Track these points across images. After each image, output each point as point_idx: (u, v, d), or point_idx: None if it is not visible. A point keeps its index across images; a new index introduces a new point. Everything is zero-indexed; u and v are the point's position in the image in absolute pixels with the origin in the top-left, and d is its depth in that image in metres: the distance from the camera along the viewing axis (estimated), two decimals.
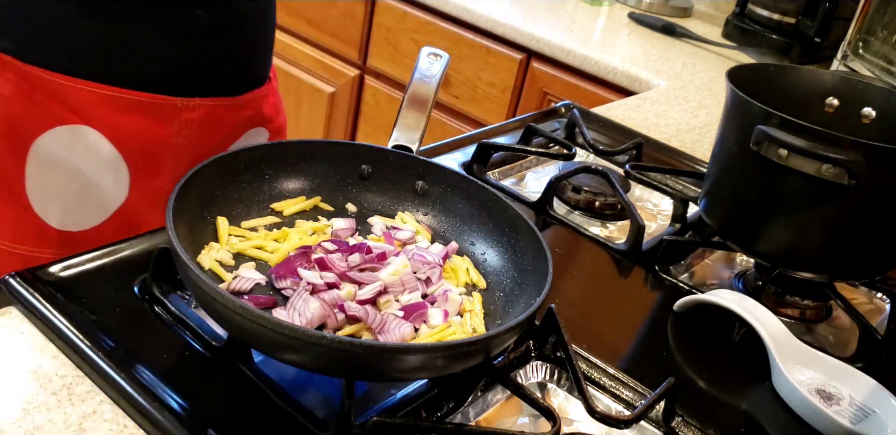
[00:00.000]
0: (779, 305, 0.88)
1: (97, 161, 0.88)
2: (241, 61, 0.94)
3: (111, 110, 0.86)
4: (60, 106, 0.84)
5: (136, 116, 0.87)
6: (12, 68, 0.83)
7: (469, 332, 0.69)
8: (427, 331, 0.67)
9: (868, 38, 1.39)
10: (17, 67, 0.83)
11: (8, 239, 0.89)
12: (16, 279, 0.68)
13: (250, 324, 0.57)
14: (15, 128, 0.85)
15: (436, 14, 1.94)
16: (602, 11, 2.01)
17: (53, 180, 0.88)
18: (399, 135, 0.87)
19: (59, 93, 0.84)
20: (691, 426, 0.68)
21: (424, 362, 0.58)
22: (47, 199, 0.88)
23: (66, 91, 0.84)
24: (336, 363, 0.58)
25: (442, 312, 0.68)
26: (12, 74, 0.83)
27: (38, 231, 0.89)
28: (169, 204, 0.65)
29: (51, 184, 0.88)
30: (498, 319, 0.72)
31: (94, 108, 0.85)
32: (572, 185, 1.03)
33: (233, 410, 0.61)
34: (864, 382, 0.74)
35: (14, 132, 0.85)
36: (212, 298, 0.58)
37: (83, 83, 0.84)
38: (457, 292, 0.72)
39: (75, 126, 0.85)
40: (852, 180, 0.74)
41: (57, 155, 0.86)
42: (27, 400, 0.59)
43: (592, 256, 0.92)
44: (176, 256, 0.61)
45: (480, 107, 1.92)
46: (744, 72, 0.87)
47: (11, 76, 0.84)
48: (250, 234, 0.74)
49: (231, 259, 0.70)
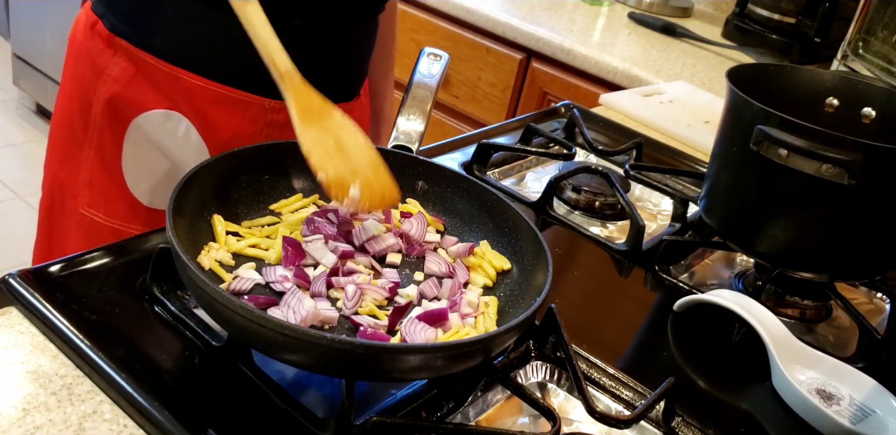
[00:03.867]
0: (779, 305, 0.88)
1: (185, 147, 0.94)
2: (332, 75, 0.99)
3: (202, 101, 0.92)
4: (158, 91, 0.91)
5: (224, 110, 0.92)
6: (124, 52, 0.91)
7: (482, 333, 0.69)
8: (443, 334, 0.67)
9: (868, 38, 1.39)
10: (128, 51, 0.91)
11: (102, 211, 0.96)
12: (16, 279, 0.68)
13: (250, 324, 0.57)
14: (117, 106, 0.92)
15: (436, 14, 1.94)
16: (602, 11, 2.01)
17: (146, 159, 0.94)
18: (399, 135, 0.87)
19: (159, 78, 0.91)
20: (691, 426, 0.68)
21: (424, 362, 0.58)
22: (140, 176, 0.95)
23: (165, 77, 0.90)
24: (336, 363, 0.58)
25: (459, 316, 0.69)
26: (122, 57, 0.91)
27: (129, 206, 0.96)
28: (168, 204, 0.65)
29: (144, 162, 0.94)
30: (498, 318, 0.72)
31: (187, 96, 0.91)
32: (572, 185, 1.03)
33: (233, 410, 0.61)
34: (864, 382, 0.74)
35: (116, 110, 0.93)
36: (212, 299, 0.58)
37: (182, 72, 0.90)
38: (475, 294, 0.72)
39: (169, 111, 0.92)
40: (852, 180, 0.74)
41: (151, 136, 0.93)
42: (27, 400, 0.59)
43: (592, 256, 0.92)
44: (176, 257, 0.61)
45: (480, 107, 1.92)
46: (744, 72, 0.87)
47: (121, 59, 0.91)
48: (246, 231, 0.74)
49: (231, 259, 0.70)
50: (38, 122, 2.96)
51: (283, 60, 0.73)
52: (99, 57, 0.93)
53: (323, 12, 0.92)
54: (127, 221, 0.96)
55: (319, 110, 0.74)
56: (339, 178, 0.72)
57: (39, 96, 2.89)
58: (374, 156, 0.75)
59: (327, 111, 0.75)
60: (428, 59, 0.93)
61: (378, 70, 1.21)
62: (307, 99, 0.74)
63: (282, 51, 0.73)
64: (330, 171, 0.71)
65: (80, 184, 0.97)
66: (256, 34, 0.73)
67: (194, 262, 0.61)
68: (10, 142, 2.83)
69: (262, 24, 0.73)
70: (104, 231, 0.96)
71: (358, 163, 0.73)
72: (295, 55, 0.73)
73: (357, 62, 1.04)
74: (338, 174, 0.72)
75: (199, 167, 0.70)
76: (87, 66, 0.94)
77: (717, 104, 1.44)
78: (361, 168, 0.73)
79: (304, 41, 0.91)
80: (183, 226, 0.67)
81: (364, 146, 0.75)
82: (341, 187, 0.72)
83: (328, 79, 0.99)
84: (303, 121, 0.73)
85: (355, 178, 0.72)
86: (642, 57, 1.71)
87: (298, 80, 0.74)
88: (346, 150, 0.74)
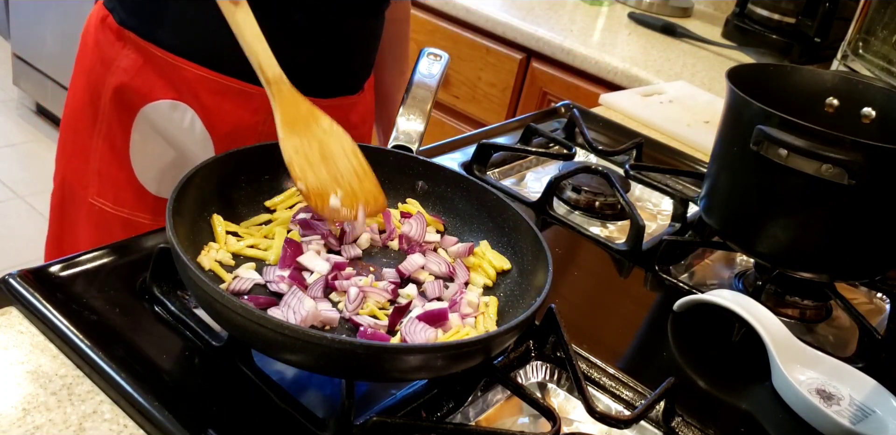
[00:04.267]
0: (779, 305, 0.88)
1: (191, 137, 0.95)
2: (334, 68, 1.00)
3: (205, 91, 0.93)
4: (165, 82, 0.93)
5: (227, 101, 0.94)
6: (132, 43, 0.93)
7: None
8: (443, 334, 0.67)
9: (868, 38, 1.39)
10: (136, 42, 0.93)
11: (111, 200, 0.97)
12: (16, 279, 0.68)
13: (251, 324, 0.57)
14: (125, 96, 0.94)
15: (436, 14, 1.94)
16: (602, 11, 2.01)
17: (153, 148, 0.96)
18: (399, 135, 0.87)
19: (166, 69, 0.92)
20: (691, 426, 0.68)
21: (424, 363, 0.58)
22: (147, 164, 0.96)
23: (171, 68, 0.92)
24: (336, 363, 0.58)
25: (459, 316, 0.69)
26: (130, 49, 0.93)
27: (137, 195, 0.97)
28: (168, 204, 0.65)
29: (151, 151, 0.96)
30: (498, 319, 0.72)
31: (191, 87, 0.93)
32: (572, 185, 1.03)
33: (233, 410, 0.61)
34: (864, 382, 0.74)
35: (124, 100, 0.95)
36: (212, 299, 0.58)
37: (186, 63, 0.92)
38: (475, 294, 0.72)
39: (175, 102, 0.93)
40: (852, 180, 0.74)
41: (158, 125, 0.94)
42: (27, 400, 0.59)
43: (592, 256, 0.92)
44: (176, 257, 0.61)
45: (480, 107, 1.92)
46: (744, 72, 0.87)
47: (129, 50, 0.93)
48: (244, 231, 0.74)
49: (231, 259, 0.70)
50: (38, 122, 2.96)
51: (270, 67, 0.74)
52: (109, 49, 0.95)
53: (324, 7, 0.93)
54: (135, 209, 0.98)
55: (306, 117, 0.75)
56: (319, 189, 0.72)
57: (39, 96, 2.89)
58: (361, 163, 0.75)
59: (314, 117, 0.75)
60: (428, 59, 0.93)
61: (393, 73, 1.21)
62: (293, 106, 0.74)
63: (270, 57, 0.74)
64: (311, 180, 0.72)
65: (90, 174, 0.98)
66: (245, 40, 0.74)
67: (194, 262, 0.61)
68: (10, 142, 2.83)
69: (251, 30, 0.74)
70: (113, 220, 0.98)
71: (341, 171, 0.74)
72: (297, 48, 0.73)
73: (361, 57, 1.04)
74: (319, 184, 0.72)
75: (199, 167, 0.70)
76: (97, 58, 0.96)
77: (716, 104, 1.44)
78: (345, 177, 0.74)
79: (305, 35, 0.92)
80: (183, 226, 0.67)
81: (351, 153, 0.75)
82: (321, 198, 0.72)
83: (330, 73, 1.00)
84: (286, 129, 0.73)
85: (336, 188, 0.73)
86: (642, 57, 1.71)
87: (286, 87, 0.74)
88: (330, 157, 0.74)
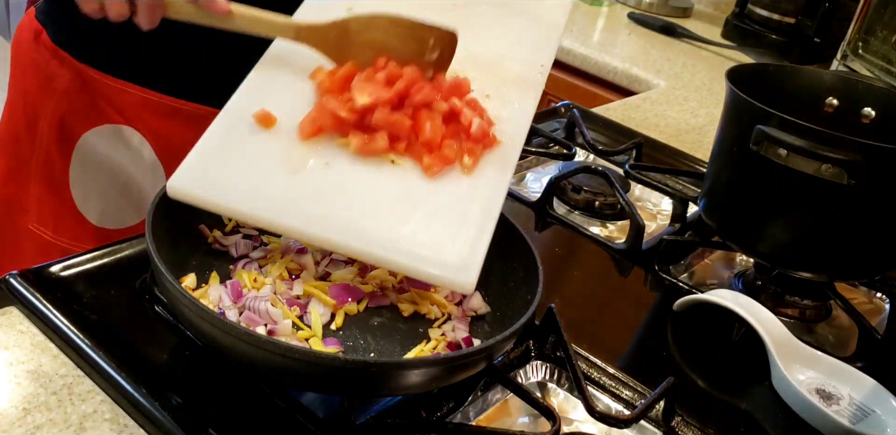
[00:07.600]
0: (779, 305, 0.88)
1: (138, 162, 0.90)
2: None
3: (153, 115, 0.88)
4: (108, 105, 0.87)
5: (176, 123, 0.89)
6: (68, 65, 0.87)
7: None
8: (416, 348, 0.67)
9: (868, 38, 1.38)
10: (72, 64, 0.87)
11: (51, 229, 0.92)
12: (16, 279, 0.68)
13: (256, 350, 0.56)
14: (65, 122, 0.88)
15: None
16: (602, 11, 2.01)
17: (95, 177, 0.91)
18: None
19: (107, 92, 0.87)
20: (691, 426, 0.68)
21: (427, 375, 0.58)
22: (88, 195, 0.91)
23: (113, 91, 0.87)
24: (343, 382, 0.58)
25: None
26: (67, 71, 0.87)
27: (77, 225, 0.92)
28: (147, 217, 0.63)
29: (92, 180, 0.91)
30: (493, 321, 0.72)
31: (137, 110, 0.88)
32: (572, 185, 1.03)
33: (233, 410, 0.61)
34: (864, 381, 0.74)
35: (64, 126, 0.88)
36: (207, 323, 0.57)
37: (129, 86, 0.87)
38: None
39: (120, 126, 0.88)
40: (852, 180, 0.74)
41: (101, 152, 0.89)
42: (28, 399, 0.59)
43: (592, 255, 0.92)
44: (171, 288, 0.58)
45: None
46: (744, 72, 0.87)
47: (66, 72, 0.87)
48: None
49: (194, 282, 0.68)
50: None
51: (284, 30, 0.68)
52: (45, 68, 0.89)
53: None
54: (75, 240, 0.92)
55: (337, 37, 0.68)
56: None
57: None
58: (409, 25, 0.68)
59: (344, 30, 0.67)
60: None
61: None
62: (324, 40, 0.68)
63: (277, 17, 0.67)
64: None
65: (30, 199, 0.93)
66: (253, 28, 0.68)
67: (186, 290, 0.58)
68: None
69: (254, 16, 0.67)
70: (54, 248, 0.92)
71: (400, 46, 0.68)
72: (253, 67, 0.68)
73: None
74: None
75: None
76: (33, 78, 0.90)
77: None
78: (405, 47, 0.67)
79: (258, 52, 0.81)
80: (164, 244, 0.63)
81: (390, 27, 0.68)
82: None
83: None
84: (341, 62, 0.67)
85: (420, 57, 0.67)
86: (642, 57, 1.71)
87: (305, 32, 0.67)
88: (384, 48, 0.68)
